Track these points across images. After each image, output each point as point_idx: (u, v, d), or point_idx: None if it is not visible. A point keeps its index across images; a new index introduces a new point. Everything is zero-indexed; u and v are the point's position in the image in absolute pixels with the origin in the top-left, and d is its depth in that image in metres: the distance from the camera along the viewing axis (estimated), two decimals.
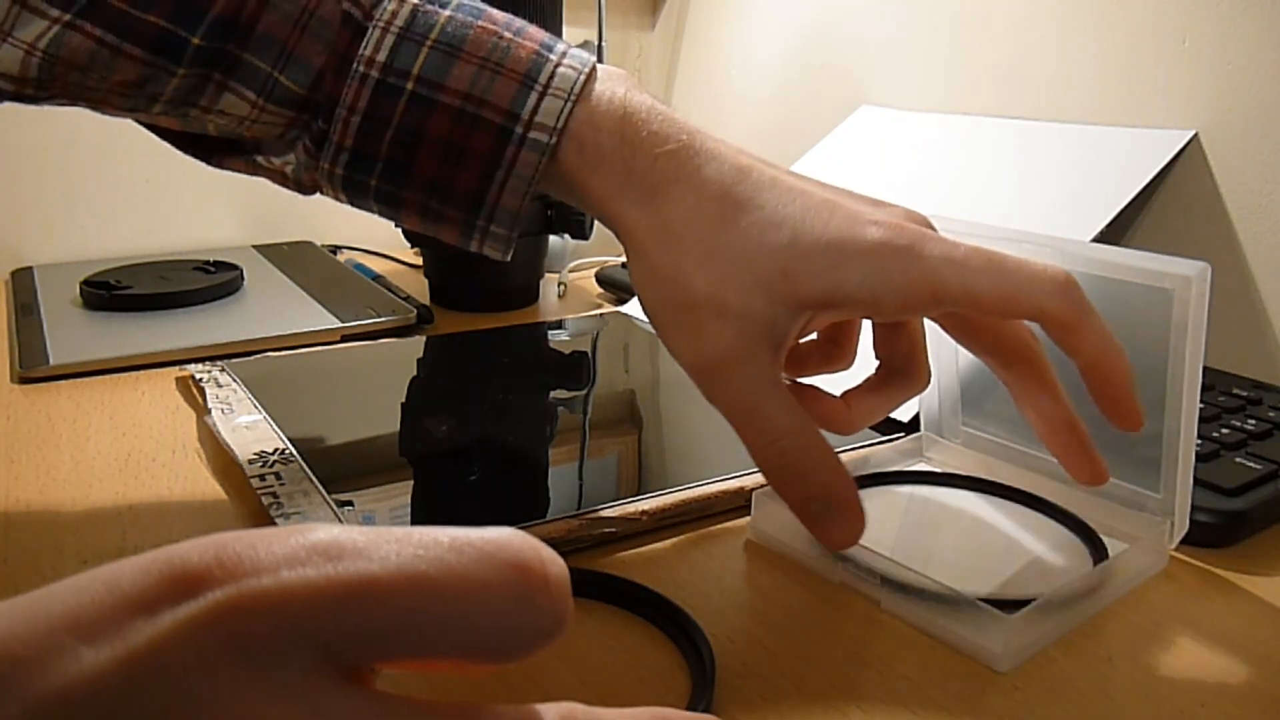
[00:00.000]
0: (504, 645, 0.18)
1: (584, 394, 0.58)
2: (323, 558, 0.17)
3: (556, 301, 0.79)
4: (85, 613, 0.16)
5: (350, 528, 0.18)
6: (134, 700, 0.15)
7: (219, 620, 0.16)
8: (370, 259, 0.89)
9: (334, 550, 0.17)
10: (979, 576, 0.38)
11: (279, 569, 0.16)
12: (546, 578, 0.18)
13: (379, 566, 0.17)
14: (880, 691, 0.31)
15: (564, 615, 0.18)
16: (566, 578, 0.18)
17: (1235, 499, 0.41)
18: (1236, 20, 0.59)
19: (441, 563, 0.17)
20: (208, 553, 0.17)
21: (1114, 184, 0.59)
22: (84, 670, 0.15)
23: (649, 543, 0.40)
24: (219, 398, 0.52)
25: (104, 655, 0.15)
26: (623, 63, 1.14)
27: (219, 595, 0.16)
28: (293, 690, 0.16)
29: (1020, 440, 0.45)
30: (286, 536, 0.17)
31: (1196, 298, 0.35)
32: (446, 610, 0.17)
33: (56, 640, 0.16)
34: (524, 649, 0.18)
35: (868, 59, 0.85)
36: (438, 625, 0.17)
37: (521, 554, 0.18)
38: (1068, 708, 0.31)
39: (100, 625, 0.16)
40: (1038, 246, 0.41)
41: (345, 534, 0.17)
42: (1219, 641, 0.35)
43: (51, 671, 0.15)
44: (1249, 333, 0.59)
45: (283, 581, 0.16)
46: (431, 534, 0.18)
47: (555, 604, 0.18)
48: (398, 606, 0.17)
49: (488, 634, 0.17)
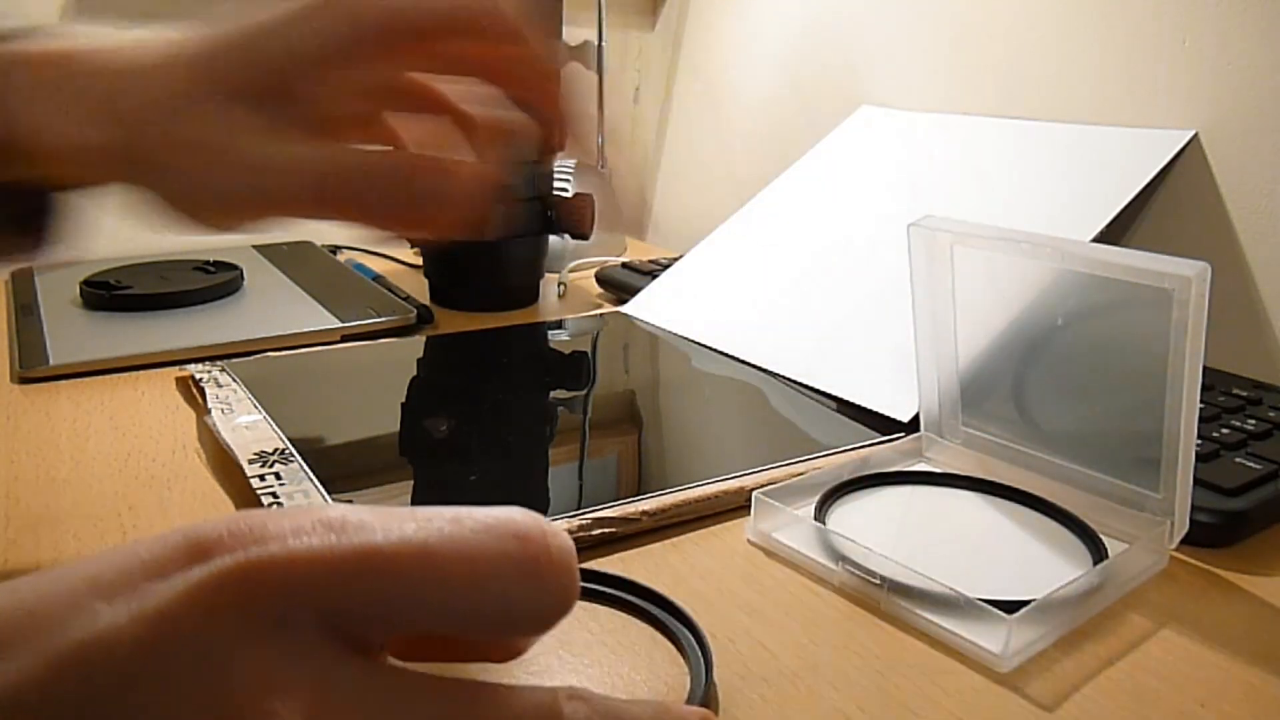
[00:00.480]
0: (510, 619, 0.18)
1: (584, 394, 0.58)
2: (327, 529, 0.17)
3: (556, 301, 0.79)
4: (104, 576, 0.17)
5: (358, 507, 0.18)
6: (149, 653, 0.16)
7: (225, 583, 0.16)
8: (370, 259, 0.89)
9: (339, 524, 0.17)
10: (979, 576, 0.38)
11: (285, 538, 0.17)
12: (549, 549, 0.18)
13: (381, 538, 0.17)
14: (880, 692, 0.31)
15: (570, 590, 0.18)
16: (571, 553, 0.18)
17: (1235, 499, 0.41)
18: (1236, 20, 0.59)
19: (443, 534, 0.17)
20: (220, 525, 0.17)
21: (1114, 184, 0.59)
22: (101, 626, 0.16)
23: (649, 543, 0.40)
24: (219, 398, 0.52)
25: (120, 613, 0.16)
26: (623, 63, 1.14)
27: (228, 560, 0.17)
28: (299, 653, 0.17)
29: (1020, 440, 0.45)
30: (297, 513, 0.18)
31: (1196, 298, 0.35)
32: (448, 580, 0.17)
33: (76, 600, 0.16)
34: (532, 624, 0.18)
35: (868, 59, 0.85)
36: (439, 596, 0.17)
37: (524, 527, 0.18)
38: (1068, 708, 0.31)
39: (118, 586, 0.17)
40: (1037, 246, 0.41)
41: (352, 511, 0.18)
42: (1219, 641, 0.35)
43: (71, 627, 0.16)
44: (1249, 333, 0.59)
45: (289, 549, 0.17)
46: (435, 510, 0.18)
47: (560, 577, 0.18)
48: (399, 575, 0.17)
49: (492, 607, 0.18)
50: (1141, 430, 0.39)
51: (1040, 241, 0.40)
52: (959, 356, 0.46)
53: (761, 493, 0.41)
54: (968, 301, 0.45)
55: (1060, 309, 0.43)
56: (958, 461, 0.47)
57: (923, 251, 0.45)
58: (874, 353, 0.57)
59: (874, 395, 0.54)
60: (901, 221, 0.45)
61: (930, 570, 0.35)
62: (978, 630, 0.33)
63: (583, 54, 0.85)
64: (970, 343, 0.46)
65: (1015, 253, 0.42)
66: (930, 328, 0.46)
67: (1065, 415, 0.44)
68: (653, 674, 0.32)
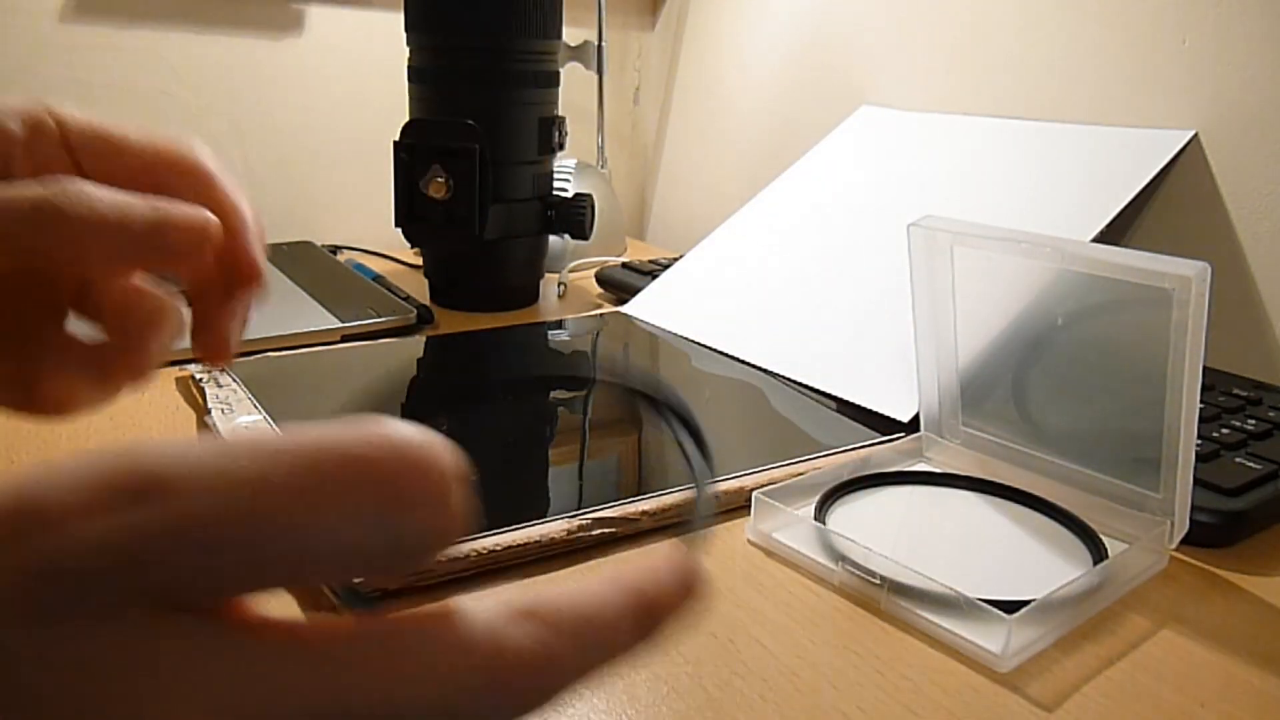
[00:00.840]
0: (375, 562, 0.15)
1: (584, 394, 0.58)
2: (131, 501, 0.15)
3: (556, 301, 0.79)
4: None
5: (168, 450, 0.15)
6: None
7: (12, 584, 0.14)
8: (370, 259, 0.89)
9: (141, 489, 0.15)
10: (979, 576, 0.38)
11: (69, 522, 0.14)
12: (408, 477, 0.15)
13: (189, 502, 0.15)
14: (880, 691, 0.31)
15: (440, 520, 0.15)
16: (438, 473, 0.15)
17: (1235, 499, 0.41)
18: (1236, 20, 0.59)
19: (265, 483, 0.15)
20: (8, 498, 0.15)
21: (1114, 184, 0.59)
22: None
23: (649, 543, 0.40)
24: (219, 398, 0.52)
25: None
26: (623, 63, 1.14)
27: (13, 559, 0.14)
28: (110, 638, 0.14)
29: (1020, 440, 0.45)
30: (89, 476, 0.15)
31: (1196, 298, 0.35)
32: (280, 535, 0.15)
33: None
34: (402, 562, 0.15)
35: (868, 59, 0.85)
36: (276, 552, 0.15)
37: (377, 452, 0.15)
38: (1068, 708, 0.31)
39: None
40: (1037, 246, 0.41)
41: (158, 463, 0.15)
42: (1219, 641, 0.35)
43: None
44: (1249, 333, 0.59)
45: (74, 539, 0.14)
46: (261, 447, 0.15)
47: (425, 510, 0.15)
48: (216, 543, 0.14)
49: (351, 549, 0.15)
50: (1141, 430, 0.39)
51: (1040, 241, 0.40)
52: (959, 356, 0.46)
53: (761, 493, 0.41)
54: (968, 301, 0.45)
55: (1060, 309, 0.43)
56: (958, 461, 0.47)
57: (923, 251, 0.45)
58: (874, 353, 0.57)
59: (874, 395, 0.54)
60: (901, 221, 0.45)
61: (930, 570, 0.35)
62: (977, 630, 0.33)
63: (583, 54, 0.85)
64: (970, 343, 0.46)
65: (1015, 253, 0.42)
66: (930, 328, 0.46)
67: (1065, 415, 0.44)
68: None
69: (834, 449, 0.48)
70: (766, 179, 0.79)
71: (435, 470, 0.16)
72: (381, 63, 0.92)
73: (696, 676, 0.32)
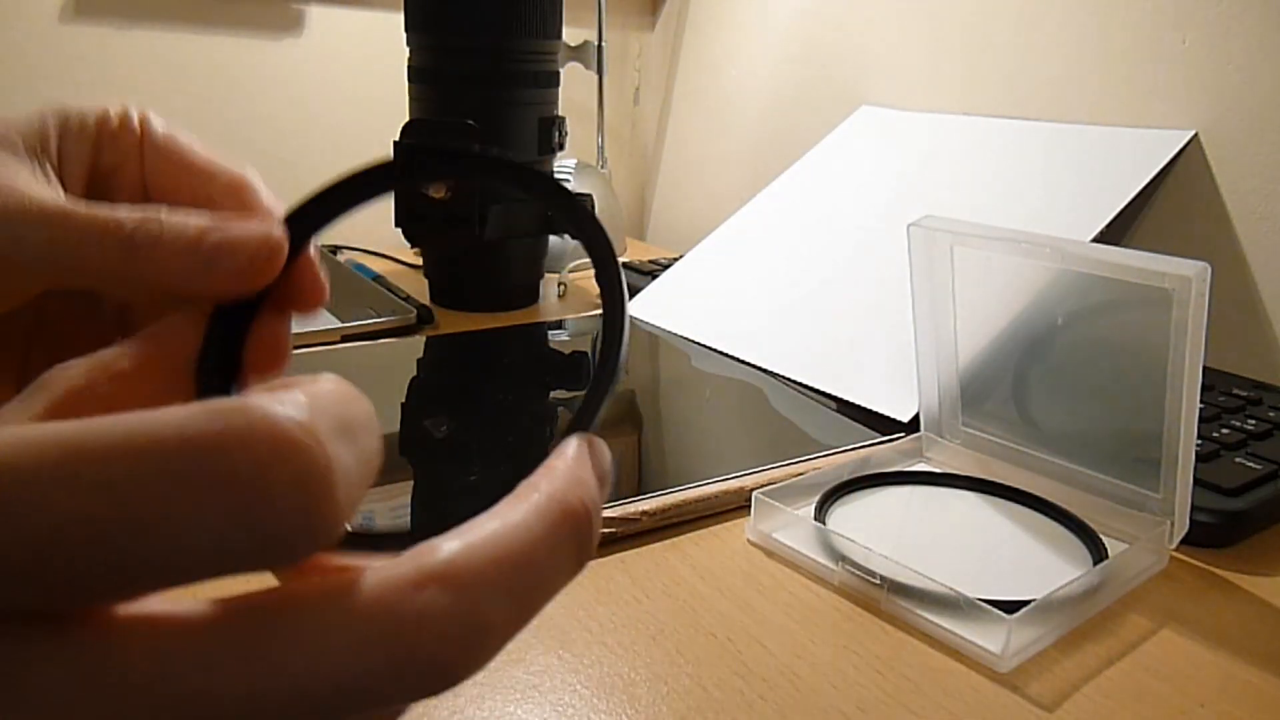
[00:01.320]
0: (252, 556, 0.13)
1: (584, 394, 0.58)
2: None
3: (556, 301, 0.79)
4: None
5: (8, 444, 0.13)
6: None
7: None
8: (370, 259, 0.89)
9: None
10: (979, 576, 0.38)
11: None
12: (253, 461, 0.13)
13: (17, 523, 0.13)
14: (880, 692, 0.31)
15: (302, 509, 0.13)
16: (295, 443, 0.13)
17: (1235, 499, 0.41)
18: (1236, 20, 0.59)
19: (110, 488, 0.13)
20: None
21: (1114, 184, 0.59)
22: None
23: (649, 542, 0.40)
24: None
25: None
26: (623, 63, 1.14)
27: None
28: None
29: (1020, 440, 0.45)
30: None
31: (1196, 298, 0.35)
32: (126, 542, 0.13)
33: None
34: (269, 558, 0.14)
35: (868, 59, 0.85)
36: (134, 565, 0.13)
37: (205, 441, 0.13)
38: (1068, 708, 0.31)
39: None
40: (1037, 246, 0.41)
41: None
42: (1219, 641, 0.35)
43: None
44: (1249, 333, 0.59)
45: None
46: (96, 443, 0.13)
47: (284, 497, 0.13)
48: (58, 563, 0.13)
49: (211, 550, 0.13)
50: (1141, 430, 0.39)
51: (1040, 241, 0.40)
52: (959, 356, 0.46)
53: (761, 493, 0.41)
54: (968, 301, 0.45)
55: (1060, 309, 0.43)
56: (957, 461, 0.47)
57: (923, 251, 0.45)
58: (874, 353, 0.57)
59: (874, 395, 0.54)
60: (901, 221, 0.45)
61: (930, 570, 0.35)
62: (977, 630, 0.33)
63: (583, 54, 0.85)
64: (970, 343, 0.46)
65: (1015, 253, 0.42)
66: (930, 328, 0.46)
67: (1065, 415, 0.44)
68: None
69: (834, 449, 0.48)
70: (766, 179, 0.79)
71: (293, 449, 0.13)
72: (381, 63, 0.92)
73: (696, 676, 0.32)
